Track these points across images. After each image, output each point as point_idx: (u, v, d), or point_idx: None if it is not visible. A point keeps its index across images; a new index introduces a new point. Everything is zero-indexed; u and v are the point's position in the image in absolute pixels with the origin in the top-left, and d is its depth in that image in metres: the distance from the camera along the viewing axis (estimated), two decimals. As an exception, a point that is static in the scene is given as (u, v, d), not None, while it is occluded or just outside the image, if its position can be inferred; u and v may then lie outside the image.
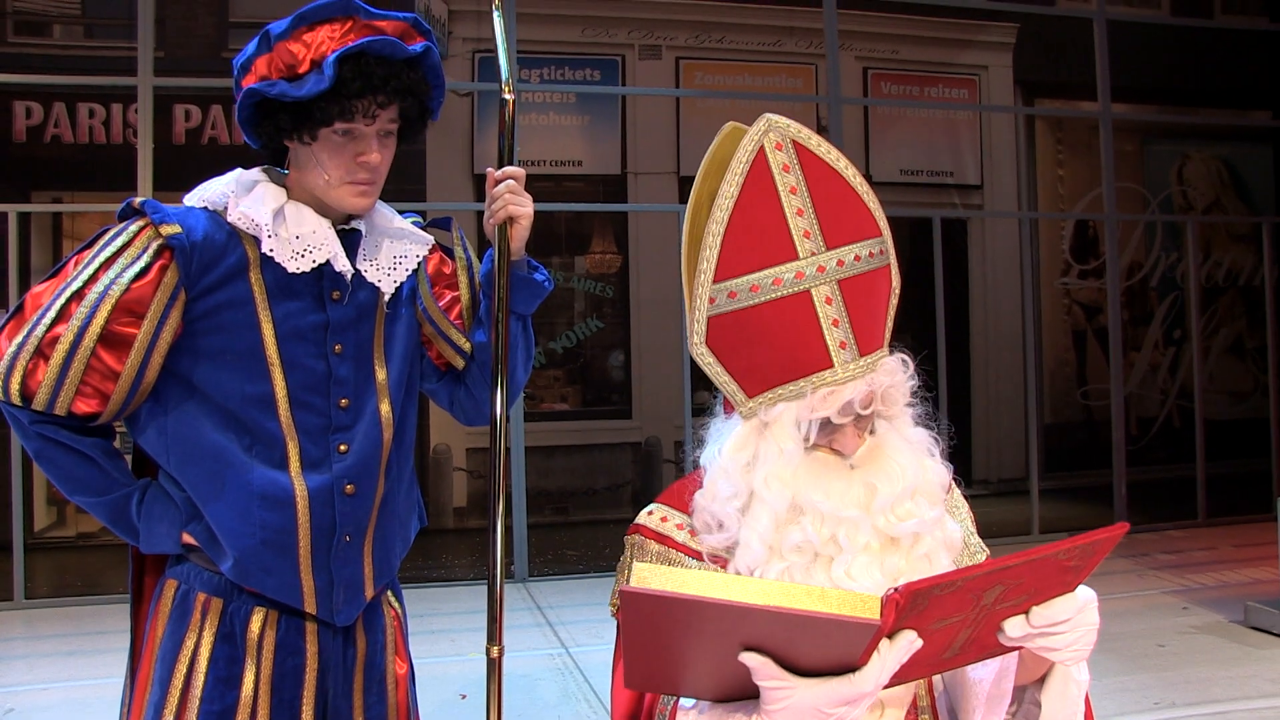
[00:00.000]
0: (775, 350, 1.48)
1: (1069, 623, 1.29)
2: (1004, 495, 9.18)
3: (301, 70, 1.60)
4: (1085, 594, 1.33)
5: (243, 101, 1.63)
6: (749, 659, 1.23)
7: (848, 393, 1.45)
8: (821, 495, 1.45)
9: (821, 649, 1.22)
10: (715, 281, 1.50)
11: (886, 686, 1.27)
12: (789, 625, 1.19)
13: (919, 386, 1.57)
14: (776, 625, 1.19)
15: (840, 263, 1.48)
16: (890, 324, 1.57)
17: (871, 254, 1.51)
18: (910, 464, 1.48)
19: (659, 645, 1.28)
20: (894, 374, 1.50)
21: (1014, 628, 1.27)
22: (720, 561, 1.51)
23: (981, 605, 1.22)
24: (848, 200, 1.52)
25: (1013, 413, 9.50)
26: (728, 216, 1.51)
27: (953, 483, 1.63)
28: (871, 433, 1.51)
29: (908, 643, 1.21)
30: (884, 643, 1.20)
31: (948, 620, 1.23)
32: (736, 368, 1.52)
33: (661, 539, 1.57)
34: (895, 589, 1.16)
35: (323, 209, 1.70)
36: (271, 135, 1.66)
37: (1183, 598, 5.56)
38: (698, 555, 1.53)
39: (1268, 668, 4.35)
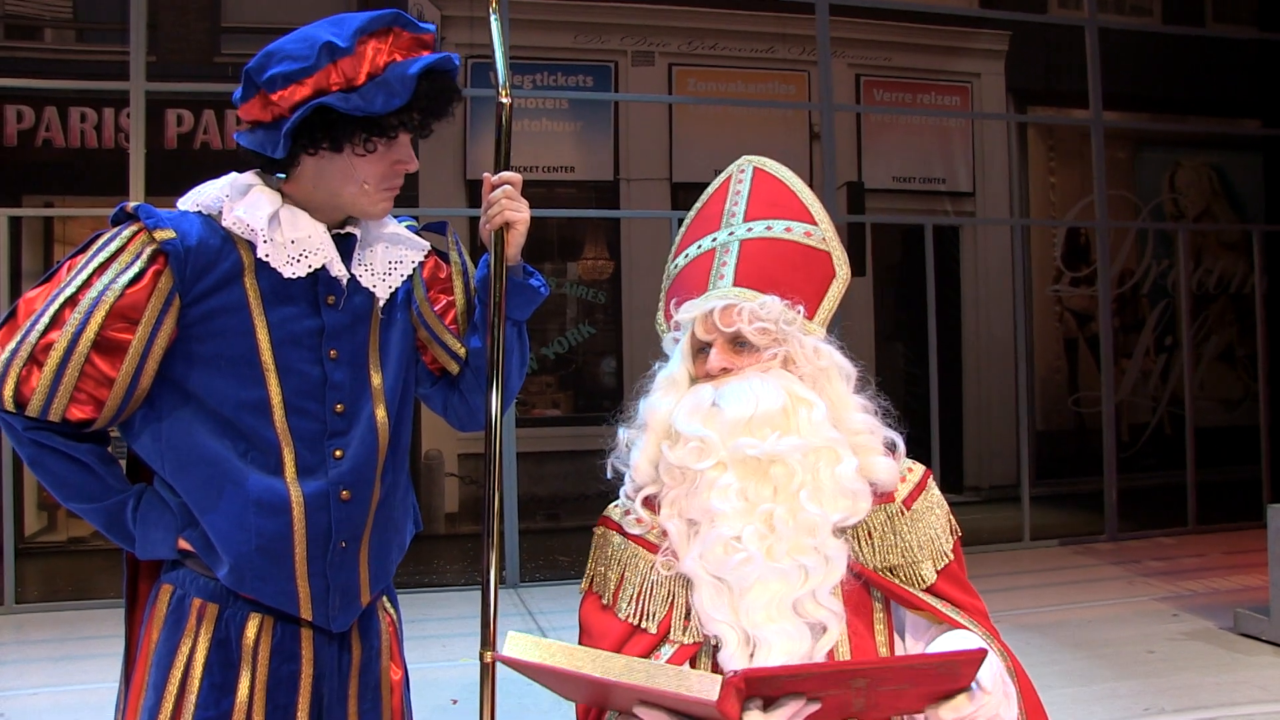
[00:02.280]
0: (683, 297, 1.66)
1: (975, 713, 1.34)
2: (995, 502, 9.20)
3: (359, 83, 1.60)
4: (988, 677, 1.36)
5: (301, 113, 1.58)
6: (642, 712, 1.32)
7: (709, 304, 1.59)
8: (681, 416, 1.56)
9: (694, 714, 1.29)
10: (670, 262, 1.77)
11: None
12: (645, 695, 1.28)
13: (863, 375, 1.63)
14: (634, 695, 1.29)
15: (750, 229, 1.68)
16: (827, 303, 1.66)
17: (789, 229, 1.67)
18: (771, 395, 1.53)
19: (570, 691, 1.42)
20: (772, 311, 1.58)
21: None
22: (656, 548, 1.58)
23: (855, 688, 1.27)
24: (781, 193, 1.72)
25: (1004, 419, 9.52)
26: (691, 218, 1.80)
27: (931, 484, 1.66)
28: (764, 371, 1.58)
29: (794, 708, 1.26)
30: (761, 712, 1.26)
31: (827, 693, 1.28)
32: (672, 324, 1.72)
33: (623, 531, 1.62)
34: (734, 673, 1.23)
35: (320, 214, 1.70)
36: (308, 146, 1.63)
37: (1172, 604, 5.58)
38: (654, 548, 1.59)
39: (1257, 674, 4.36)
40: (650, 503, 1.62)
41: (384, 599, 1.84)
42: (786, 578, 1.46)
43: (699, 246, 1.71)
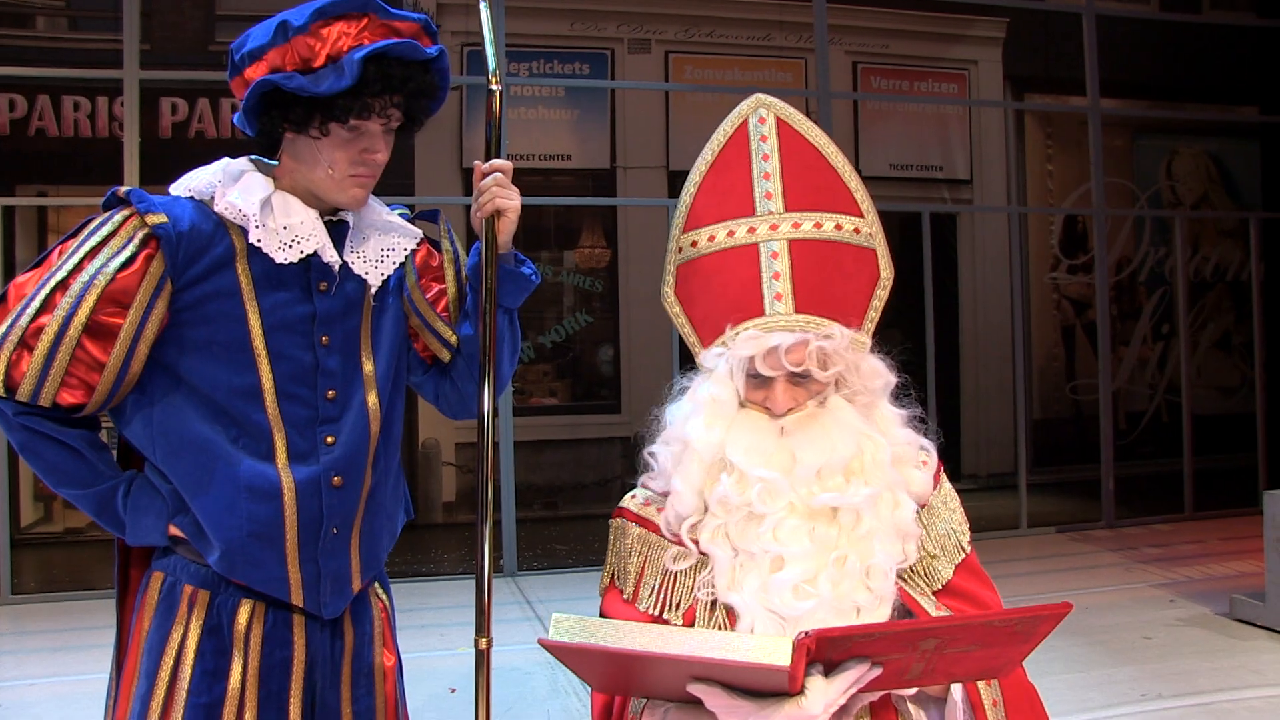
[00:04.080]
0: (721, 298, 1.54)
1: None
2: (992, 490, 9.21)
3: (316, 65, 1.59)
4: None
5: (253, 91, 1.60)
6: (697, 690, 1.26)
7: (774, 339, 1.47)
8: (741, 452, 1.47)
9: (752, 683, 1.24)
10: (684, 231, 1.61)
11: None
12: (705, 668, 1.22)
13: (904, 384, 1.57)
14: (693, 668, 1.23)
15: (796, 225, 1.53)
16: (872, 312, 1.57)
17: (839, 227, 1.55)
18: (845, 441, 1.47)
19: (603, 675, 1.34)
20: (838, 343, 1.49)
21: None
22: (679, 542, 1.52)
23: (921, 650, 1.23)
24: (822, 174, 1.58)
25: (1001, 407, 9.53)
26: (702, 174, 1.63)
27: (942, 477, 1.62)
28: (821, 405, 1.51)
29: (857, 673, 1.24)
30: (823, 677, 1.23)
31: (890, 657, 1.24)
32: (695, 316, 1.59)
33: (642, 522, 1.59)
34: (805, 634, 1.19)
35: (312, 200, 1.69)
36: (274, 126, 1.64)
37: (1169, 590, 5.59)
38: (677, 540, 1.54)
39: (1253, 659, 4.37)
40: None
41: (376, 585, 1.83)
42: (841, 614, 1.43)
43: (731, 234, 1.56)
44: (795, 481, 1.45)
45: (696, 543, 1.51)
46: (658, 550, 1.56)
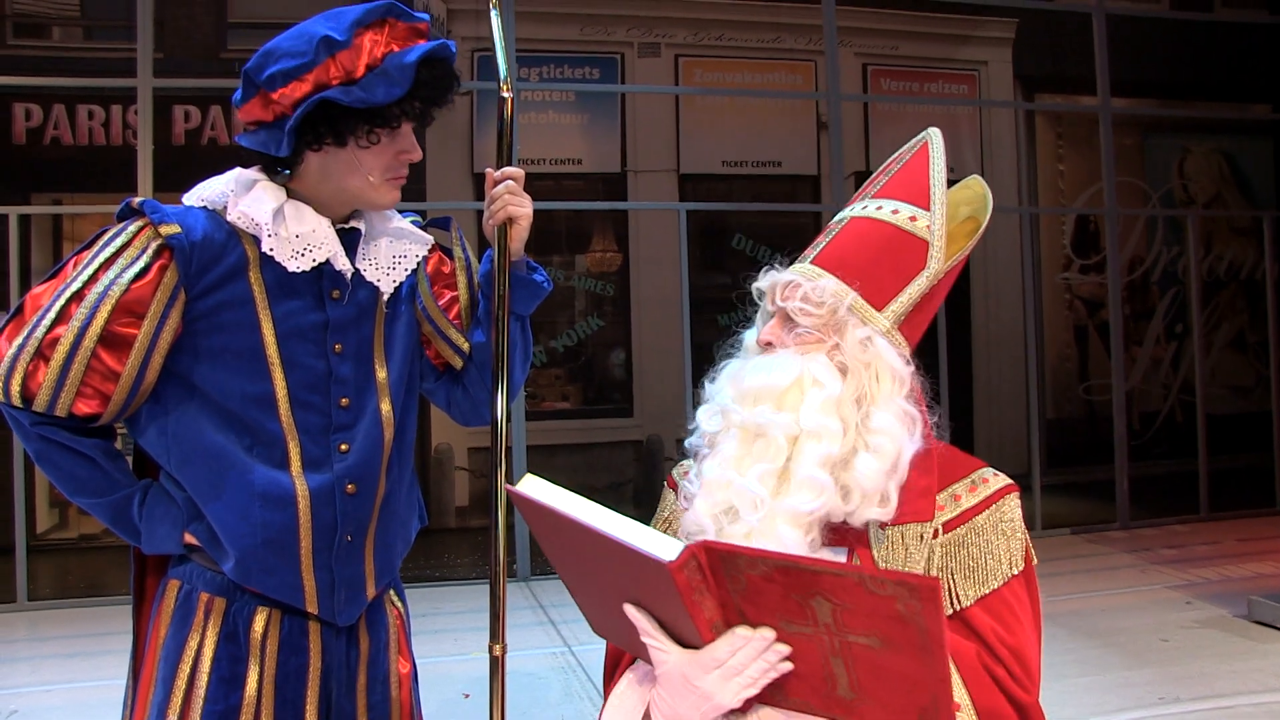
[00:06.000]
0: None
1: None
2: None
3: (358, 75, 1.60)
4: None
5: (304, 108, 1.58)
6: (629, 611, 1.30)
7: (773, 276, 1.59)
8: (721, 378, 1.57)
9: (665, 607, 1.27)
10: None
11: (796, 711, 1.28)
12: (611, 551, 1.26)
13: (913, 376, 1.57)
14: (603, 548, 1.27)
15: (865, 207, 1.63)
16: (902, 298, 1.56)
17: (895, 211, 1.60)
18: (789, 370, 1.50)
19: (565, 561, 1.40)
20: (834, 299, 1.53)
21: None
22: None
23: (822, 622, 1.21)
24: (918, 171, 1.66)
25: (1014, 408, 9.50)
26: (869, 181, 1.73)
27: (1010, 501, 1.53)
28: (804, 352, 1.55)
29: (760, 636, 1.24)
30: (732, 630, 1.25)
31: (795, 626, 1.23)
32: None
33: (677, 489, 1.63)
34: (697, 541, 1.22)
35: (324, 208, 1.70)
36: (314, 141, 1.62)
37: (1186, 592, 5.56)
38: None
39: (1272, 662, 4.34)
40: None
41: (391, 592, 1.84)
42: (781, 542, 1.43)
43: (839, 219, 1.67)
44: (736, 402, 1.51)
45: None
46: (677, 510, 1.60)
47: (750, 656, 1.24)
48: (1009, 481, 1.54)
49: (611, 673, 1.54)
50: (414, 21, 1.66)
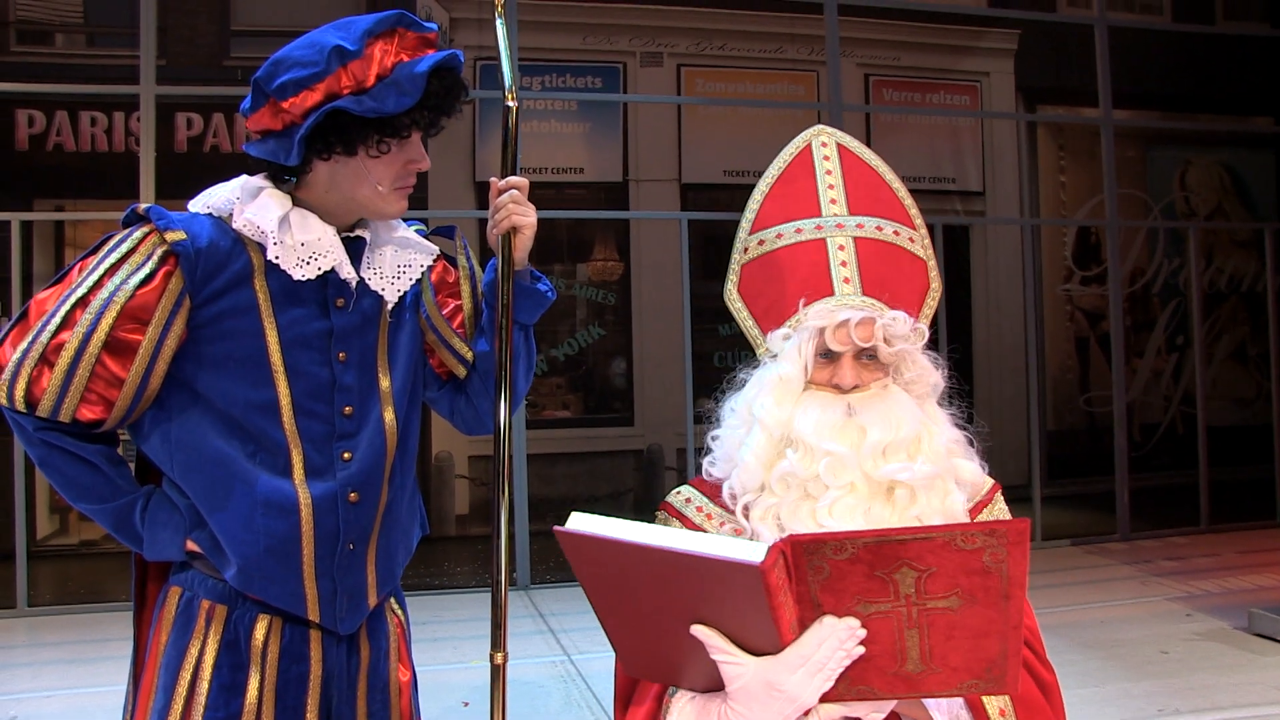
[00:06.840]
0: (790, 284, 1.60)
1: None
2: (1007, 502, 9.16)
3: (369, 85, 1.60)
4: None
5: (315, 118, 1.58)
6: (698, 631, 1.27)
7: (844, 314, 1.52)
8: (810, 427, 1.49)
9: (742, 617, 1.24)
10: (750, 233, 1.69)
11: (857, 700, 1.29)
12: (684, 569, 1.22)
13: (954, 388, 1.62)
14: (674, 569, 1.23)
15: (860, 225, 1.62)
16: (923, 316, 1.63)
17: (896, 233, 1.63)
18: (910, 421, 1.50)
19: (612, 601, 1.33)
20: (902, 327, 1.54)
21: None
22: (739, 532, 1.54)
23: (903, 595, 1.22)
24: (879, 188, 1.67)
25: (1015, 419, 9.49)
26: (770, 184, 1.72)
27: (998, 499, 1.65)
28: (884, 389, 1.54)
29: (845, 626, 1.24)
30: (819, 622, 1.24)
31: (874, 606, 1.24)
32: (759, 310, 1.65)
33: (682, 519, 1.60)
34: (782, 538, 1.22)
35: (329, 217, 1.70)
36: (324, 151, 1.63)
37: (1186, 604, 5.55)
38: (730, 511, 1.55)
39: (1272, 674, 4.34)
40: (718, 497, 1.57)
41: (392, 600, 1.84)
42: None
43: (799, 230, 1.62)
44: (862, 457, 1.46)
45: (725, 509, 1.54)
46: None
47: (834, 647, 1.25)
48: (993, 480, 1.65)
49: (625, 701, 1.53)
50: (424, 31, 1.67)
